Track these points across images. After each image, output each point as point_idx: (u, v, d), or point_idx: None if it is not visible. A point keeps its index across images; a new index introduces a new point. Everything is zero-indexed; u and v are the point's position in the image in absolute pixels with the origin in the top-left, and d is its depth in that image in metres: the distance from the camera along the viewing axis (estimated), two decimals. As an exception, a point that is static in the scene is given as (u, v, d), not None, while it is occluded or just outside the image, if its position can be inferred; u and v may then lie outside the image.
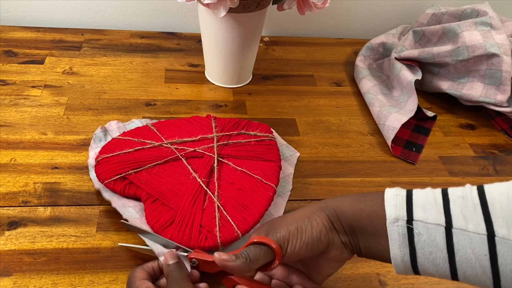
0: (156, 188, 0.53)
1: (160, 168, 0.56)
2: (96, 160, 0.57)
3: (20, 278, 0.47)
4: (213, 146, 0.59)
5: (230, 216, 0.51)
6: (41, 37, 0.83)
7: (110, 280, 0.48)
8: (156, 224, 0.50)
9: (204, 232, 0.50)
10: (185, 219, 0.50)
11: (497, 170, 0.68)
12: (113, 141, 0.60)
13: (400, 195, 0.39)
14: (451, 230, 0.36)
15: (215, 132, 0.61)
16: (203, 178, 0.55)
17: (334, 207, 0.42)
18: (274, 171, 0.57)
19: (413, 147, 0.69)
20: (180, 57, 0.83)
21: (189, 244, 0.48)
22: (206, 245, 0.48)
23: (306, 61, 0.88)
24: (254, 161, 0.58)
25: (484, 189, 0.37)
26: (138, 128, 0.63)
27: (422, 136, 0.72)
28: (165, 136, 0.60)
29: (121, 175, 0.54)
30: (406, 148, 0.69)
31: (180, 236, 0.49)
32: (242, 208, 0.52)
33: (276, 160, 0.59)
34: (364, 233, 0.40)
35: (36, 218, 0.53)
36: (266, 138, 0.62)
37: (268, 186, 0.55)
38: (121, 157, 0.57)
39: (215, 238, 0.49)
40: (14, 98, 0.69)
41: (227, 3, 0.61)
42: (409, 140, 0.71)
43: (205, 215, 0.51)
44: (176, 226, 0.50)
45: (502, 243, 0.34)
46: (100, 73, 0.76)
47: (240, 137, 0.61)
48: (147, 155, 0.57)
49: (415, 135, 0.72)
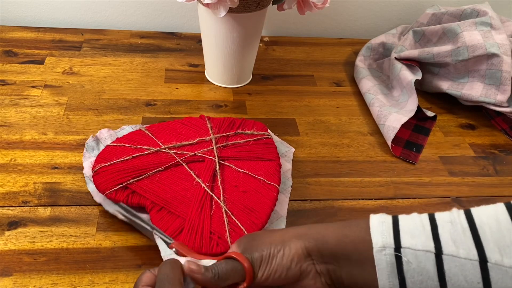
0: (160, 196, 0.53)
1: (161, 175, 0.55)
2: (93, 170, 0.55)
3: (20, 278, 0.47)
4: (213, 148, 0.58)
5: (239, 220, 0.51)
6: (41, 37, 0.83)
7: (110, 280, 0.48)
8: (166, 233, 0.49)
9: (214, 238, 0.49)
10: (194, 227, 0.50)
11: (497, 170, 0.68)
12: (107, 148, 0.58)
13: (386, 221, 0.38)
14: (441, 256, 0.34)
15: (212, 133, 0.61)
16: (207, 183, 0.54)
17: (314, 234, 0.40)
18: (275, 170, 0.57)
19: (413, 147, 0.69)
20: (180, 57, 0.83)
21: (201, 251, 0.48)
22: (218, 251, 0.48)
23: (306, 61, 0.88)
24: (254, 162, 0.58)
25: (472, 213, 0.36)
26: (132, 133, 0.61)
27: (422, 136, 0.72)
28: (161, 141, 0.59)
29: (122, 185, 0.53)
30: (406, 148, 0.69)
31: (191, 244, 0.48)
32: (249, 211, 0.52)
33: (275, 159, 0.59)
34: (348, 260, 0.38)
35: (36, 218, 0.53)
36: (263, 136, 0.62)
37: (271, 186, 0.55)
38: (119, 165, 0.55)
39: (226, 243, 0.49)
40: (14, 98, 0.69)
41: (227, 3, 0.61)
42: (409, 140, 0.71)
43: (214, 221, 0.51)
44: (186, 235, 0.49)
45: (496, 269, 0.33)
46: (100, 73, 0.76)
47: (237, 137, 0.61)
48: (146, 162, 0.56)
49: (415, 135, 0.72)
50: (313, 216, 0.58)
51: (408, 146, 0.70)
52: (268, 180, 0.55)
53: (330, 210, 0.59)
